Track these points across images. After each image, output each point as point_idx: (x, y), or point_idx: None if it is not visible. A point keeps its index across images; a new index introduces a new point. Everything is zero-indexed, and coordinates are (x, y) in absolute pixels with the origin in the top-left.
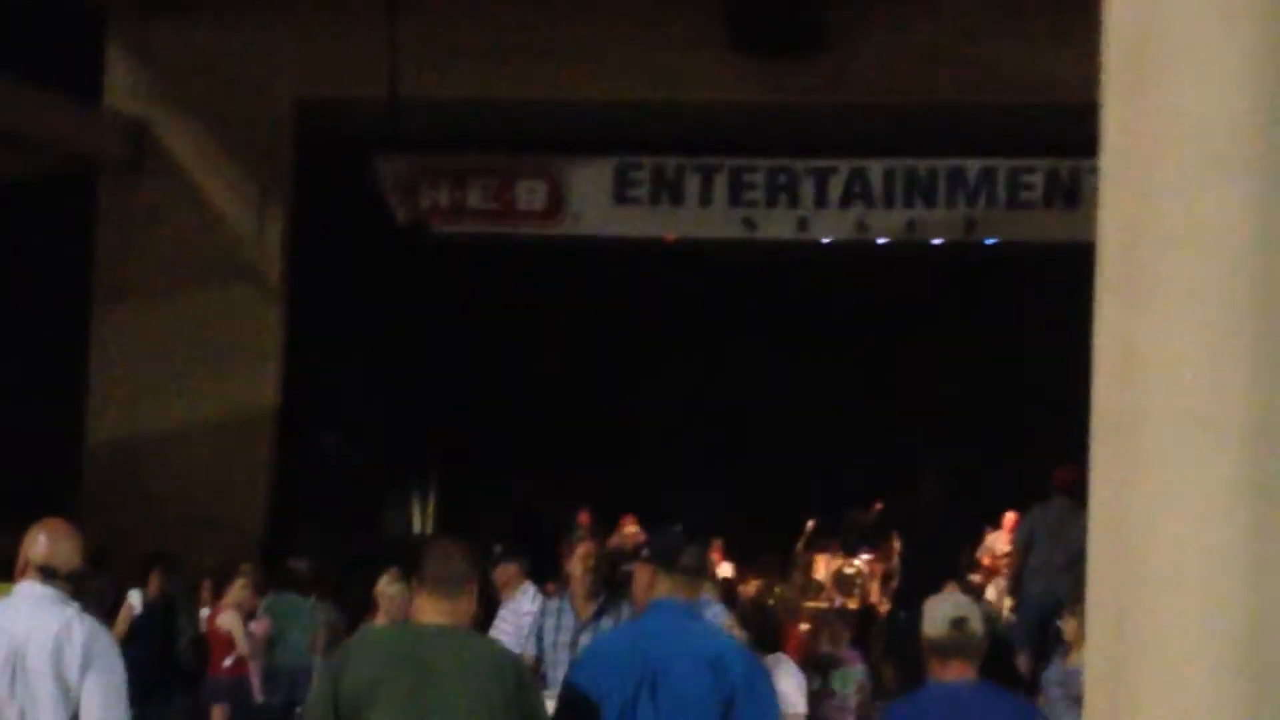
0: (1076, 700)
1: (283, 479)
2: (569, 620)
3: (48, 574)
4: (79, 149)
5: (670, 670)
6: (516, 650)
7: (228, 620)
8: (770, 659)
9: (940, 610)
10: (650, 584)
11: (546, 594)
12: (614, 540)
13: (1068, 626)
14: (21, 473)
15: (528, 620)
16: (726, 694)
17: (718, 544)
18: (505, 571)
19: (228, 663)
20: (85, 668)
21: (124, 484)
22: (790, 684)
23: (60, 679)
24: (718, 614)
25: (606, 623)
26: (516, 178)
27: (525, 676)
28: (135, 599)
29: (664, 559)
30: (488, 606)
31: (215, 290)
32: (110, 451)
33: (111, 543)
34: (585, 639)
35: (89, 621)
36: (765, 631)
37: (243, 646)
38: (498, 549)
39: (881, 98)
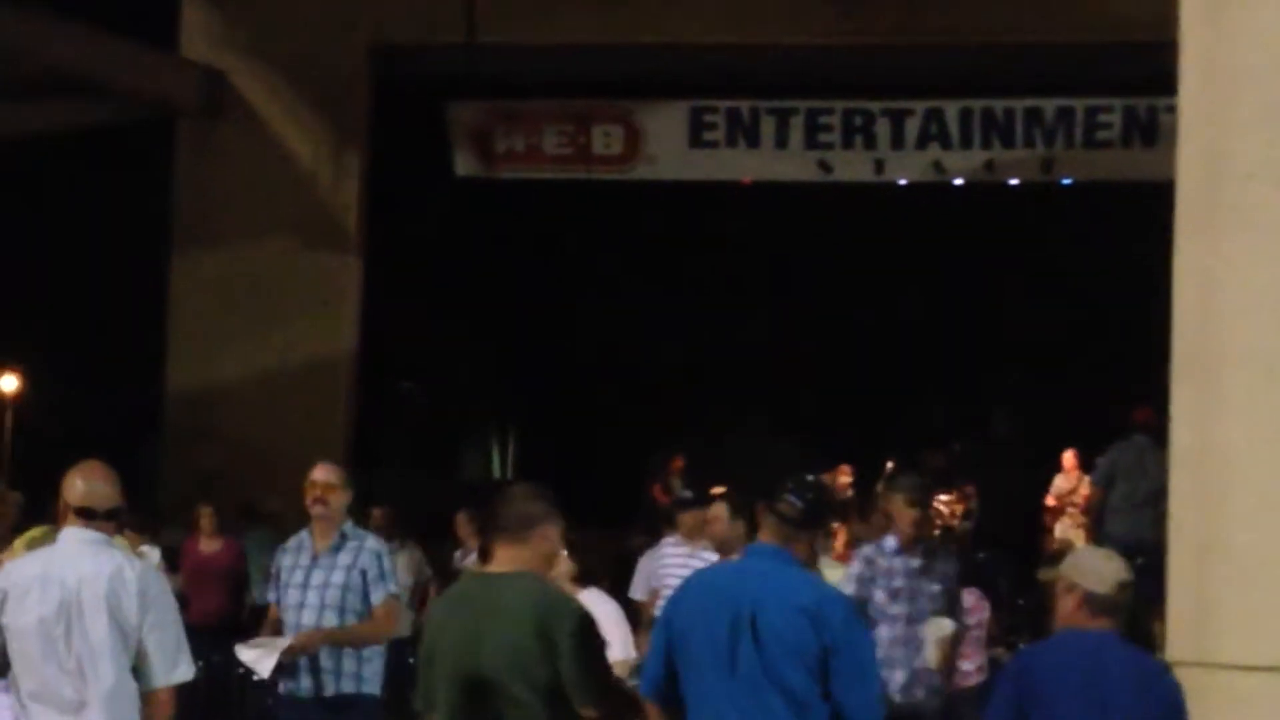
0: None
1: (361, 425)
2: (305, 559)
3: (87, 515)
4: (156, 97)
5: (766, 616)
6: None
7: None
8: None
9: (1109, 570)
10: (758, 526)
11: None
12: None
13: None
14: (102, 418)
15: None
16: (826, 644)
17: None
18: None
19: None
20: (143, 613)
21: (203, 429)
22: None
23: (118, 626)
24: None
25: (345, 558)
26: (592, 122)
27: (572, 621)
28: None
29: (765, 503)
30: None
31: (292, 236)
32: (189, 397)
33: (191, 488)
34: (317, 577)
35: (139, 565)
36: None
37: None
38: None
39: (957, 38)
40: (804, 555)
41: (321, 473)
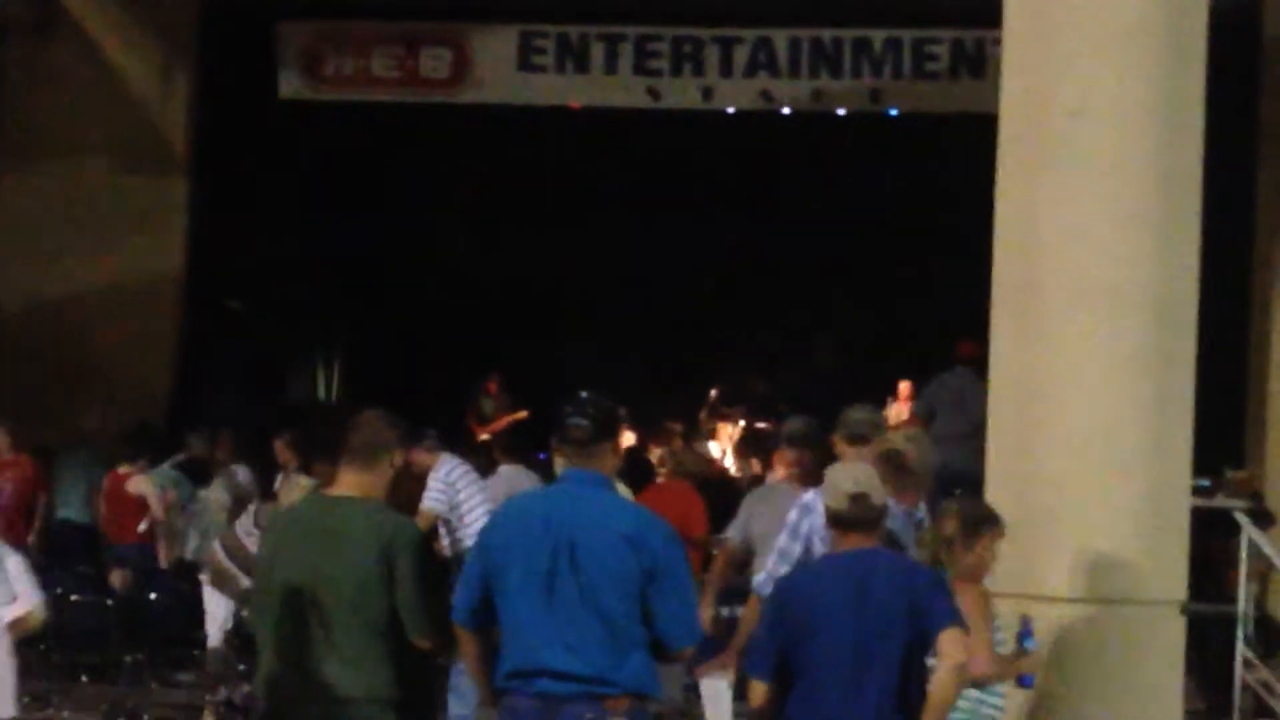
0: None
1: (188, 345)
2: None
3: None
4: None
5: (586, 542)
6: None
7: (140, 484)
8: None
9: (841, 484)
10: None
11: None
12: None
13: None
14: None
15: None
16: (646, 568)
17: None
18: (426, 453)
19: (141, 528)
20: None
21: (31, 347)
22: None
23: None
24: None
25: None
26: (420, 45)
27: (412, 549)
28: None
29: (556, 432)
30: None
31: (120, 156)
32: (15, 317)
33: (20, 407)
34: None
35: None
36: None
37: (158, 511)
38: (430, 437)
39: None
40: (611, 471)
41: None
